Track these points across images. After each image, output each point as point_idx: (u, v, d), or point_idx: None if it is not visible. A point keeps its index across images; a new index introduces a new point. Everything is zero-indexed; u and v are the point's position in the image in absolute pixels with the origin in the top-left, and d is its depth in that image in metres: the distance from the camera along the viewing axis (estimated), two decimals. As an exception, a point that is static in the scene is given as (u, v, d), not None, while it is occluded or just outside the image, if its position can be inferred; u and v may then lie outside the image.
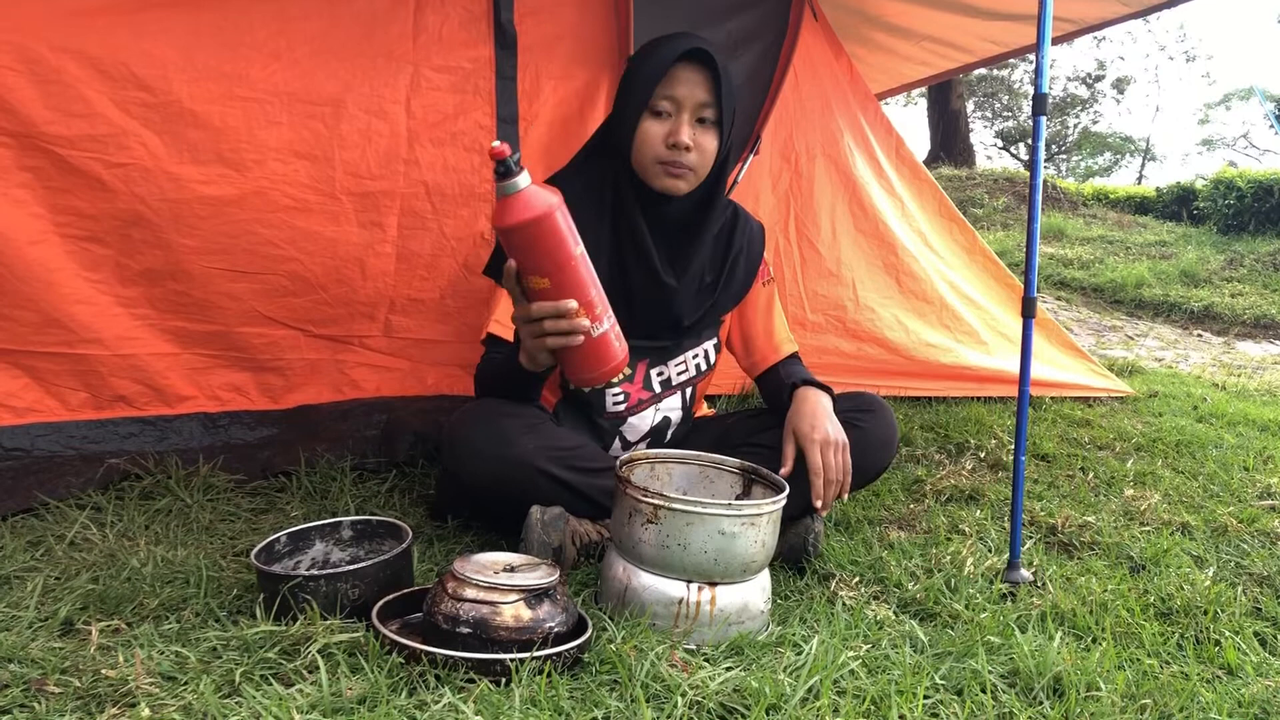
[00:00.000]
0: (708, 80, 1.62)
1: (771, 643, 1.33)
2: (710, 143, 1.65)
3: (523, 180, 1.31)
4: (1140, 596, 1.61)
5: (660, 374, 1.82)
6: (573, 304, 1.34)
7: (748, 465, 1.59)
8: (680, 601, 1.36)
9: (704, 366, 1.86)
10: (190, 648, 1.19)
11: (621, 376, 1.75)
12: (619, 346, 1.41)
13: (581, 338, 1.36)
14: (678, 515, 1.34)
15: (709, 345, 1.85)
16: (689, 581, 1.36)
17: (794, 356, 1.91)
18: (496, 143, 1.30)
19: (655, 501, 1.35)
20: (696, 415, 1.96)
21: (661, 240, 1.71)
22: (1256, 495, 2.32)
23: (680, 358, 1.83)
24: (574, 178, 1.70)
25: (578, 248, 1.34)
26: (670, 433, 1.88)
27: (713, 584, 1.37)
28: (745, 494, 1.59)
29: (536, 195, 1.31)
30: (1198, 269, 8.03)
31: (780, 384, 1.81)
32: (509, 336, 1.65)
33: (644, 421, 1.83)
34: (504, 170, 1.29)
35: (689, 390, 1.87)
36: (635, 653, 1.21)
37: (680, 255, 1.73)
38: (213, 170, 1.96)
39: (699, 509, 1.34)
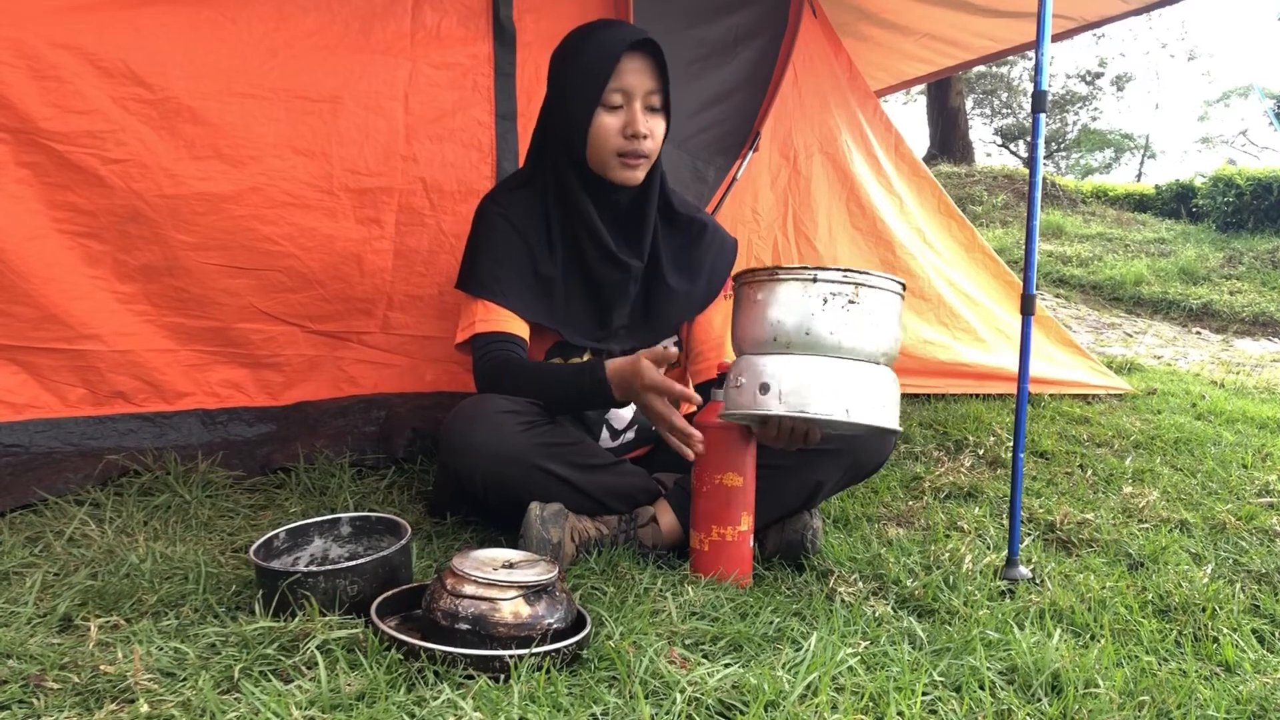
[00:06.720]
0: (653, 67, 1.65)
1: (770, 639, 1.33)
2: (660, 127, 1.69)
3: None
4: (1139, 594, 1.61)
5: None
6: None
7: None
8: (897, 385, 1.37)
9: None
10: (189, 644, 1.19)
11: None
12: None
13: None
14: (878, 293, 1.32)
15: (668, 343, 1.88)
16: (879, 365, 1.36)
17: None
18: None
19: (857, 280, 1.31)
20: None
21: (613, 225, 1.74)
22: (1255, 493, 2.32)
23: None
24: (523, 187, 1.76)
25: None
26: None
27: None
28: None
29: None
30: (1196, 266, 8.03)
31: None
32: (500, 329, 1.67)
33: (626, 410, 1.85)
34: None
35: None
36: (634, 649, 1.21)
37: (634, 236, 1.77)
38: (210, 166, 1.96)
39: (893, 285, 1.34)
